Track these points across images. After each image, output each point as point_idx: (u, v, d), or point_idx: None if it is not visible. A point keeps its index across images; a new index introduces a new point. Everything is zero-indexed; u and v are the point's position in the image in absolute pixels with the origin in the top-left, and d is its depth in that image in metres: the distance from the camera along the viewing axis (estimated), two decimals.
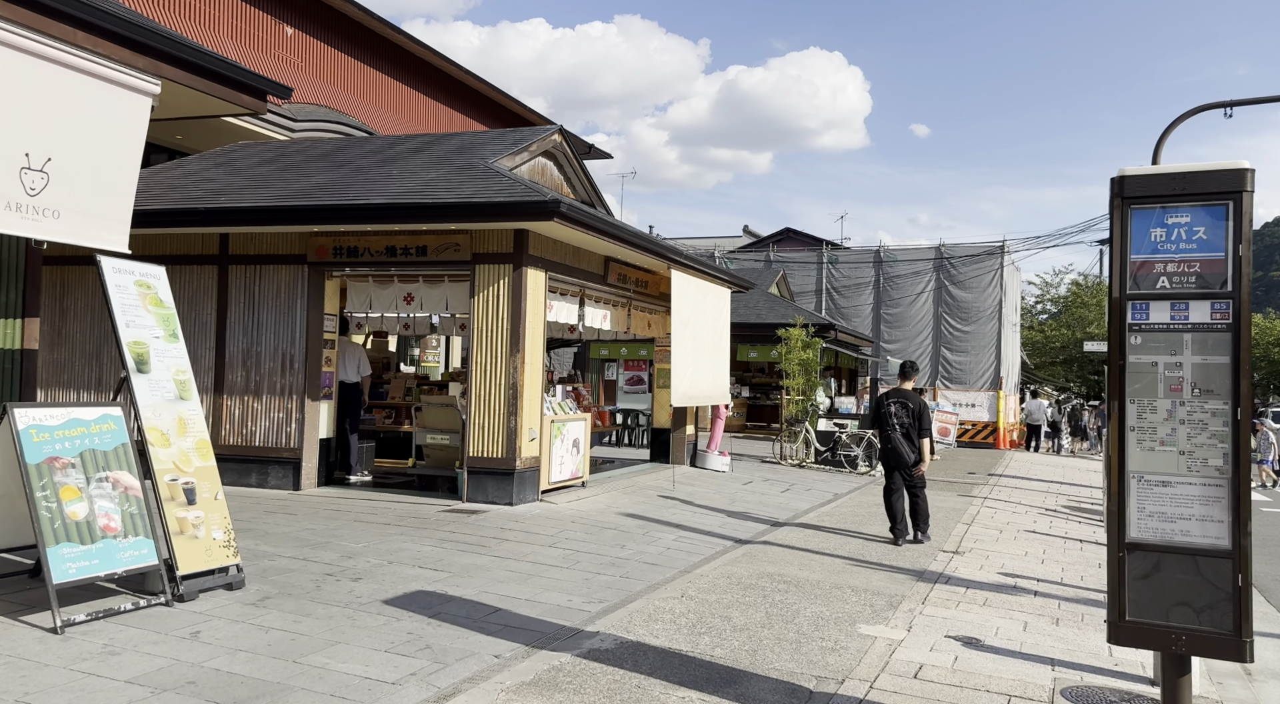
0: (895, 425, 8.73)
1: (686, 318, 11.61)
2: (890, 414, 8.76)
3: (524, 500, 8.95)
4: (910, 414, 8.70)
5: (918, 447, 8.73)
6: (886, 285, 31.25)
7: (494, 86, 24.74)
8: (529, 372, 8.96)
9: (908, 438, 8.70)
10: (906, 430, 8.70)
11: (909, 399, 8.80)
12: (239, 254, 9.42)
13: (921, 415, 8.73)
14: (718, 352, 13.14)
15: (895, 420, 8.73)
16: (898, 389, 8.96)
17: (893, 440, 8.74)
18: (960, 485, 14.48)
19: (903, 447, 8.71)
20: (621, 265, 11.16)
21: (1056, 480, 16.61)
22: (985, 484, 15.05)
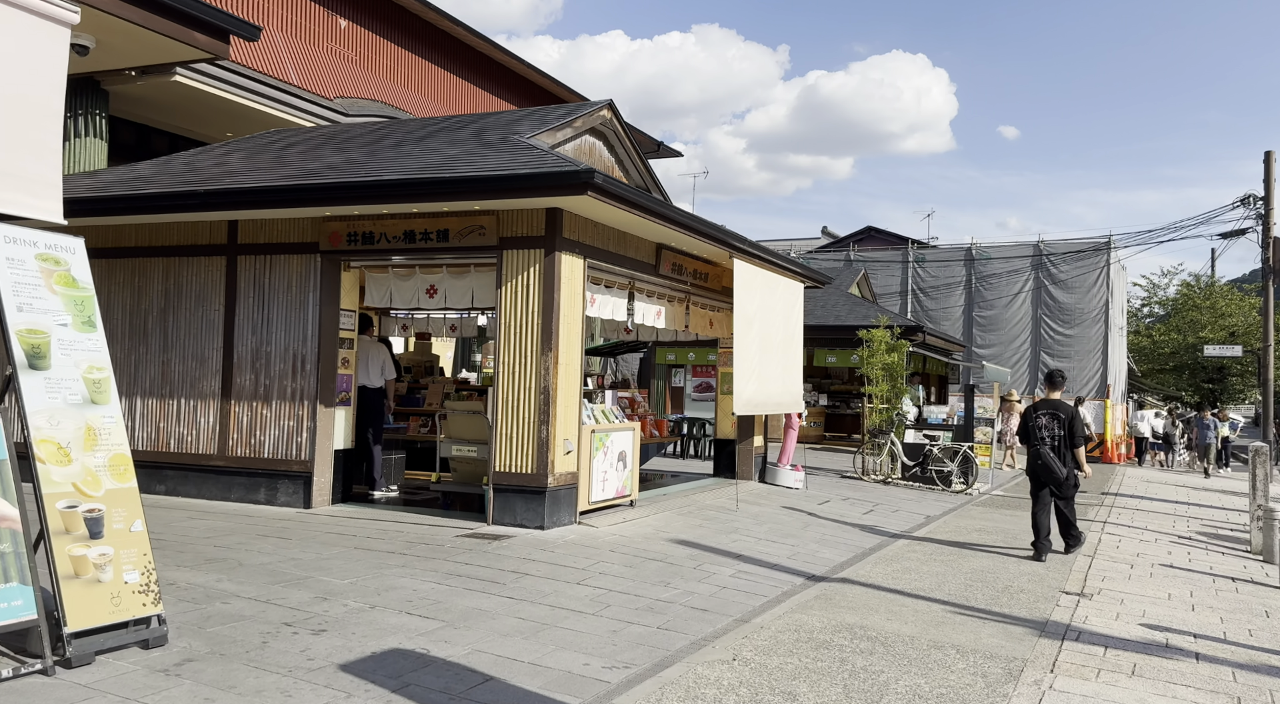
0: (1045, 438, 8.25)
1: (751, 314, 10.21)
2: (1040, 426, 8.29)
3: (558, 523, 7.70)
4: (1062, 425, 8.23)
5: (1071, 460, 8.25)
6: (979, 286, 29.07)
7: (561, 83, 23.80)
8: (564, 374, 7.72)
9: (1058, 451, 8.22)
10: (1058, 443, 8.21)
11: (1060, 409, 8.32)
12: (248, 243, 8.47)
13: (1074, 426, 8.23)
14: (788, 353, 11.68)
15: (1045, 433, 8.26)
16: (1047, 399, 8.49)
17: (1043, 455, 8.26)
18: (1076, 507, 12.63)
19: (1054, 461, 8.22)
20: (676, 254, 9.84)
21: (1181, 501, 14.50)
22: (1100, 505, 13.14)
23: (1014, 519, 11.29)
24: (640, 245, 9.17)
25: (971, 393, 15.35)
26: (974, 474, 14.15)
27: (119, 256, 8.92)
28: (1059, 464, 8.22)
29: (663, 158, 30.31)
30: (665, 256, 9.56)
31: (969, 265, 29.45)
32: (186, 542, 6.52)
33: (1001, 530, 10.17)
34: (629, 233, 8.86)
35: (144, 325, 8.82)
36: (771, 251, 10.67)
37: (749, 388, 10.21)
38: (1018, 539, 9.65)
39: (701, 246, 9.73)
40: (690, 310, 11.16)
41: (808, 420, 22.97)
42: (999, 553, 8.67)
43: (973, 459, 14.12)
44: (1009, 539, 9.49)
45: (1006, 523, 10.82)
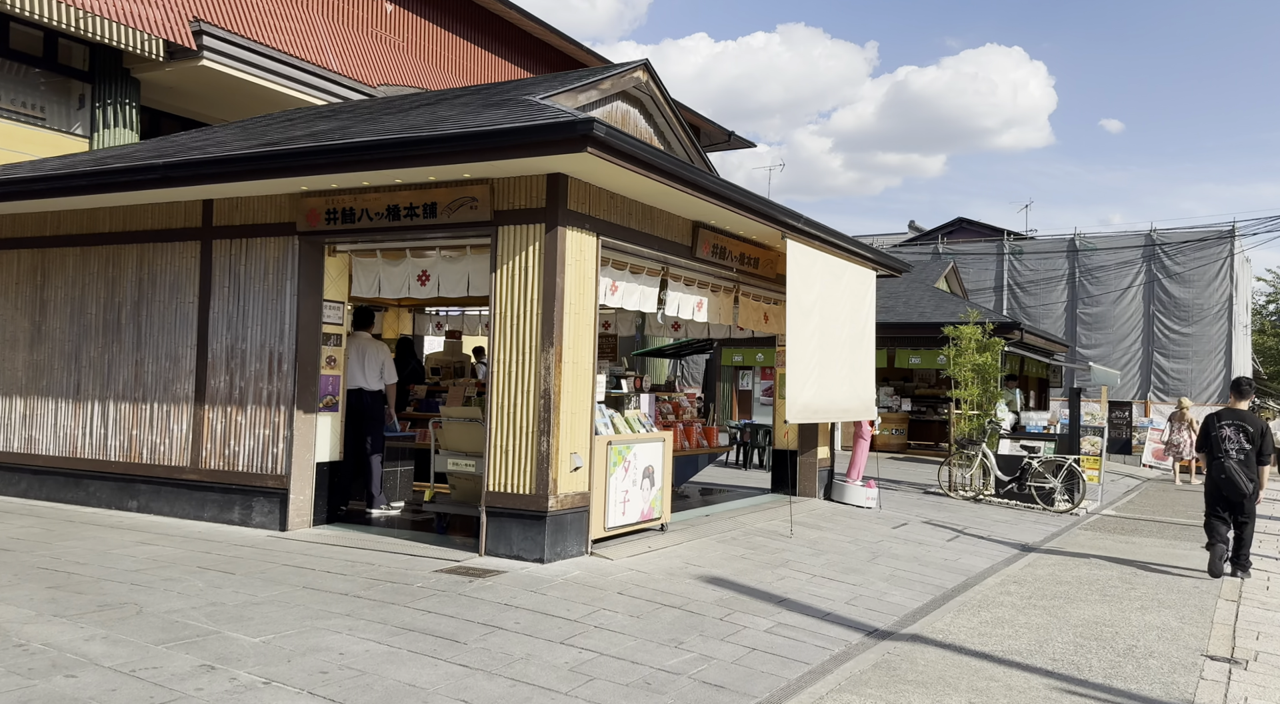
0: (1230, 450, 7.69)
1: (809, 305, 8.70)
2: (1224, 438, 7.74)
3: (562, 554, 6.39)
4: (1250, 438, 7.70)
5: (1256, 475, 7.69)
6: (1083, 280, 26.56)
7: None
8: (570, 374, 6.41)
9: (1245, 465, 7.67)
10: (1244, 457, 7.68)
11: (1247, 421, 7.76)
12: (223, 225, 7.46)
13: (1264, 440, 7.69)
14: (857, 351, 10.10)
15: (1230, 445, 7.71)
16: (1232, 408, 7.92)
17: (1226, 469, 7.68)
18: (1196, 532, 10.65)
19: (1239, 475, 7.64)
20: (717, 235, 8.41)
21: None
22: None
23: (1131, 546, 9.43)
24: (672, 223, 7.79)
25: (1077, 397, 13.39)
26: (1081, 491, 12.24)
27: (94, 244, 8.05)
28: (1244, 479, 7.61)
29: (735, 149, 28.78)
30: (703, 237, 8.14)
31: (1072, 258, 26.94)
32: (100, 578, 5.47)
33: (1118, 562, 8.39)
34: (656, 207, 7.49)
35: (118, 319, 7.93)
36: (835, 232, 9.14)
37: (806, 392, 8.70)
38: (1138, 576, 7.87)
39: (747, 225, 8.29)
40: (740, 302, 9.71)
41: (888, 428, 21.10)
42: (1117, 595, 6.96)
43: (1079, 474, 12.21)
44: (1128, 576, 7.73)
45: (1123, 551, 9.00)
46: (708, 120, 25.78)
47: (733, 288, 9.58)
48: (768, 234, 8.65)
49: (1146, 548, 9.54)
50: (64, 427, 8.04)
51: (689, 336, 24.07)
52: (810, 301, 8.89)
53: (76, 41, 12.55)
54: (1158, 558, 8.95)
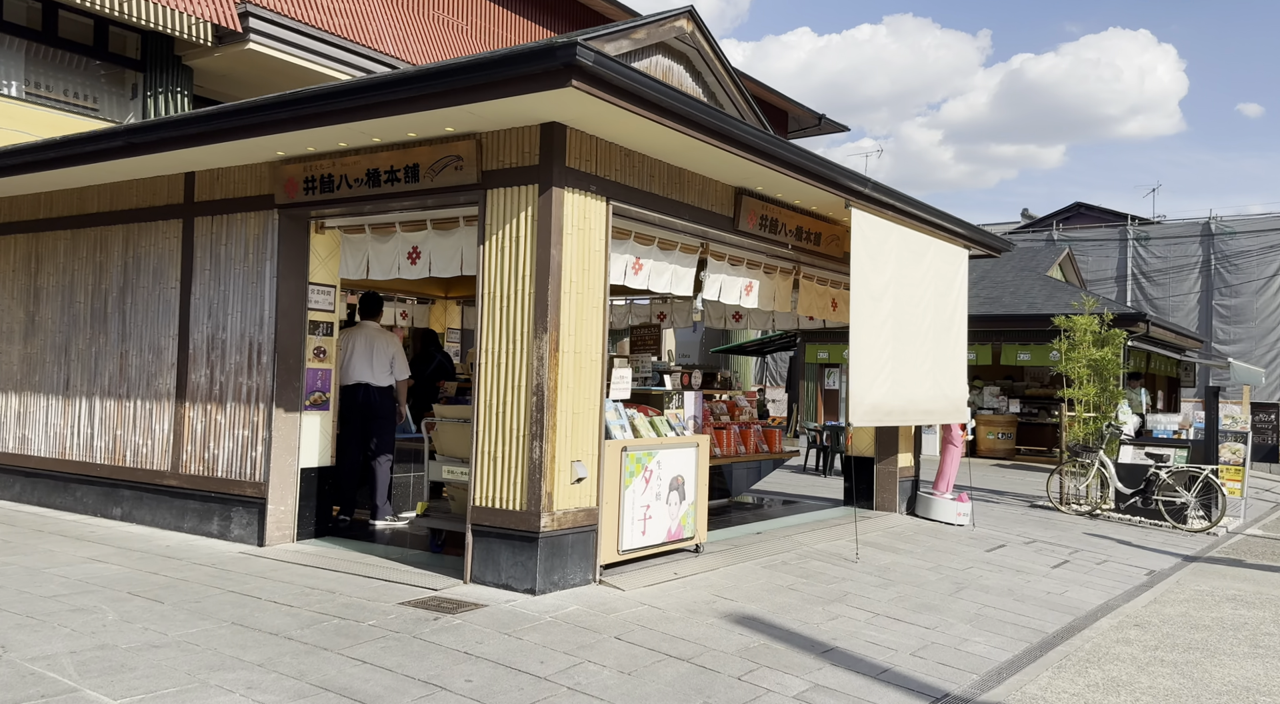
0: None
1: (879, 288, 7.35)
2: None
3: (561, 584, 5.30)
4: None
5: None
6: (1220, 268, 23.76)
7: None
8: (571, 366, 5.32)
9: None
10: None
11: None
12: (205, 200, 6.71)
13: None
14: (944, 344, 8.64)
15: None
16: None
17: None
18: None
19: None
20: (765, 204, 7.15)
21: None
22: None
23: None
24: (708, 189, 6.58)
25: (1215, 398, 11.44)
26: (1220, 507, 10.36)
27: (84, 226, 7.46)
28: None
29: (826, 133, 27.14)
30: (747, 206, 6.90)
31: (1206, 243, 24.17)
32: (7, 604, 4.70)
33: (1273, 600, 6.70)
34: (686, 169, 6.31)
35: (104, 308, 7.31)
36: (914, 200, 7.74)
37: (876, 390, 7.35)
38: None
39: (803, 191, 7.00)
40: (801, 286, 8.41)
41: (994, 432, 19.18)
42: (1273, 646, 5.37)
43: (1218, 487, 10.33)
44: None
45: (1277, 582, 7.30)
46: (796, 103, 24.27)
47: (791, 269, 8.30)
48: (829, 203, 7.33)
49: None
50: (54, 426, 7.48)
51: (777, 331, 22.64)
52: (881, 283, 7.53)
53: (128, 29, 12.28)
54: None
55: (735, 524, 8.12)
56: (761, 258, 7.77)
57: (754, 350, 24.21)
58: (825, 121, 27.00)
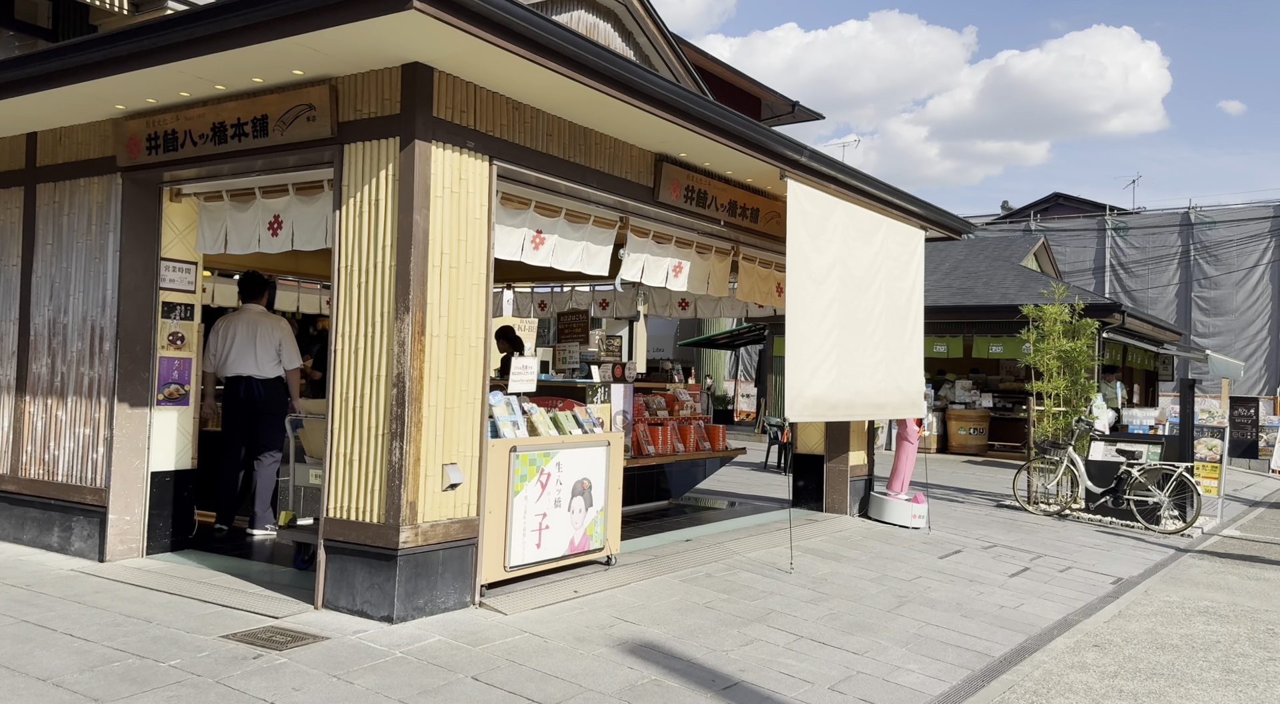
0: None
1: (822, 269, 6.62)
2: None
3: (428, 609, 4.53)
4: None
5: None
6: (1199, 259, 23.23)
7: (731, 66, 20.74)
8: (441, 352, 4.55)
9: None
10: None
11: None
12: (48, 165, 5.86)
13: None
14: (898, 332, 7.93)
15: None
16: None
17: None
18: None
19: None
20: (691, 174, 6.38)
21: None
22: None
23: (1264, 583, 7.00)
24: (621, 154, 5.81)
25: (1190, 391, 10.80)
26: (1195, 508, 9.72)
27: None
28: None
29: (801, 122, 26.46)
30: (669, 176, 6.12)
31: (1186, 234, 23.64)
32: None
33: (1248, 613, 6.02)
34: (594, 129, 5.53)
35: None
36: (861, 174, 7.00)
37: (818, 381, 6.62)
38: (1277, 630, 5.55)
39: (734, 161, 6.24)
40: (741, 268, 7.66)
41: (967, 427, 18.54)
42: (1248, 670, 4.68)
43: (1192, 486, 9.69)
44: (1262, 633, 5.39)
45: (1252, 590, 6.60)
46: (770, 90, 23.57)
47: (729, 249, 7.55)
48: (764, 174, 6.58)
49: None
50: None
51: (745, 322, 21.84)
52: (824, 265, 6.79)
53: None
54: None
55: (667, 530, 7.38)
56: (693, 235, 7.02)
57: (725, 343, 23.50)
58: (799, 109, 26.30)
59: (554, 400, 7.21)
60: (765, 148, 5.97)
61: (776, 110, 25.21)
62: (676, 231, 6.80)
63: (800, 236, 6.45)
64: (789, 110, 25.32)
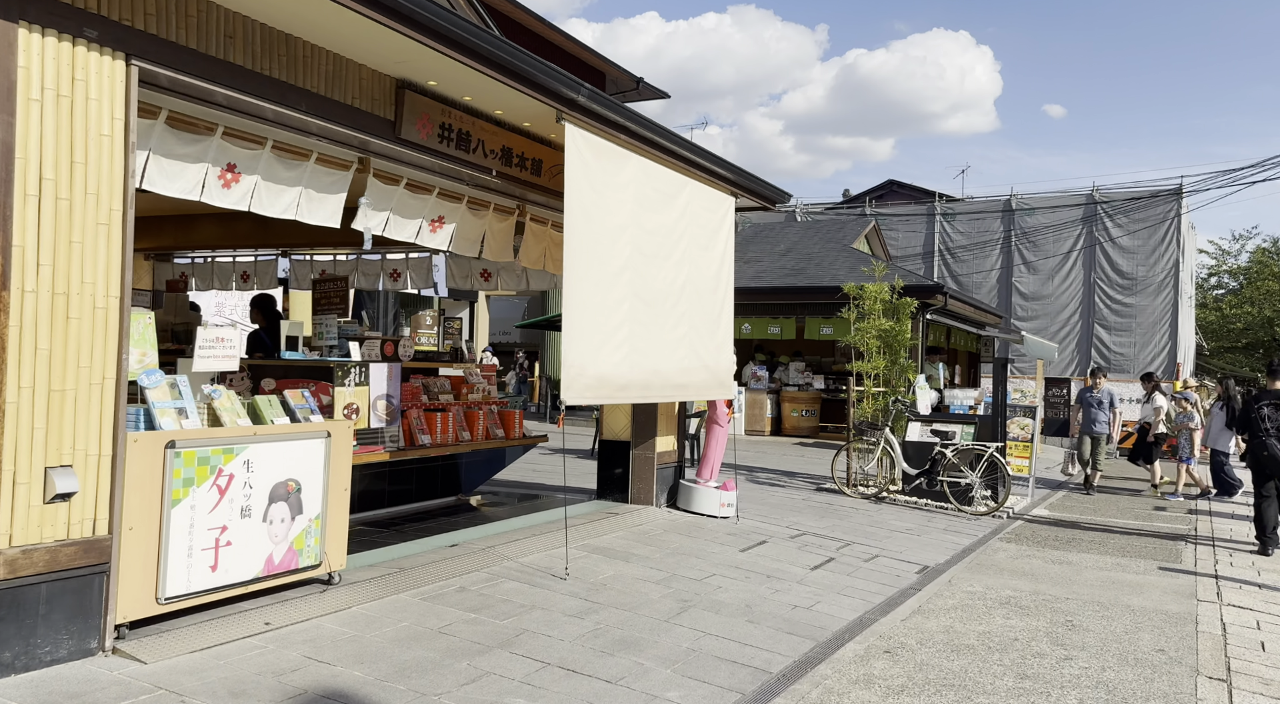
0: (1270, 429, 7.85)
1: (610, 232, 5.76)
2: (1264, 417, 7.92)
3: (19, 665, 3.35)
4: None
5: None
6: (1020, 245, 24.20)
7: None
8: (42, 313, 3.37)
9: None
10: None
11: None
12: None
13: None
14: (705, 306, 7.21)
15: (1270, 424, 7.87)
16: (1269, 389, 8.10)
17: (1269, 446, 7.84)
18: (1155, 542, 8.04)
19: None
20: (448, 109, 5.35)
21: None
22: (1193, 536, 8.50)
23: (1067, 567, 6.75)
24: (345, 74, 4.71)
25: (1003, 370, 10.77)
26: (1005, 487, 9.61)
27: None
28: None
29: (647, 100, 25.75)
30: (415, 107, 5.07)
31: (1007, 219, 24.54)
32: None
33: (1049, 603, 5.65)
34: (299, 37, 4.41)
35: None
36: (653, 123, 6.17)
37: (605, 359, 5.78)
38: (1075, 624, 5.16)
39: (501, 96, 5.26)
40: (528, 229, 6.72)
41: (799, 409, 18.44)
42: (1042, 674, 4.19)
43: (1002, 466, 9.57)
44: (1060, 627, 4.98)
45: (1055, 576, 6.31)
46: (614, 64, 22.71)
47: (513, 207, 6.58)
48: (544, 118, 5.63)
49: (1086, 572, 6.89)
50: None
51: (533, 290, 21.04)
52: (614, 226, 5.95)
53: None
54: (1102, 587, 6.27)
55: (438, 533, 6.37)
56: (463, 188, 6.00)
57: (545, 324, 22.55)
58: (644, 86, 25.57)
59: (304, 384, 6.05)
60: (532, 81, 5.02)
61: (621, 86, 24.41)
62: (440, 181, 5.76)
63: (582, 192, 5.56)
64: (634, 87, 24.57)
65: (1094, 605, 5.86)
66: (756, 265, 19.22)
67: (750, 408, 18.42)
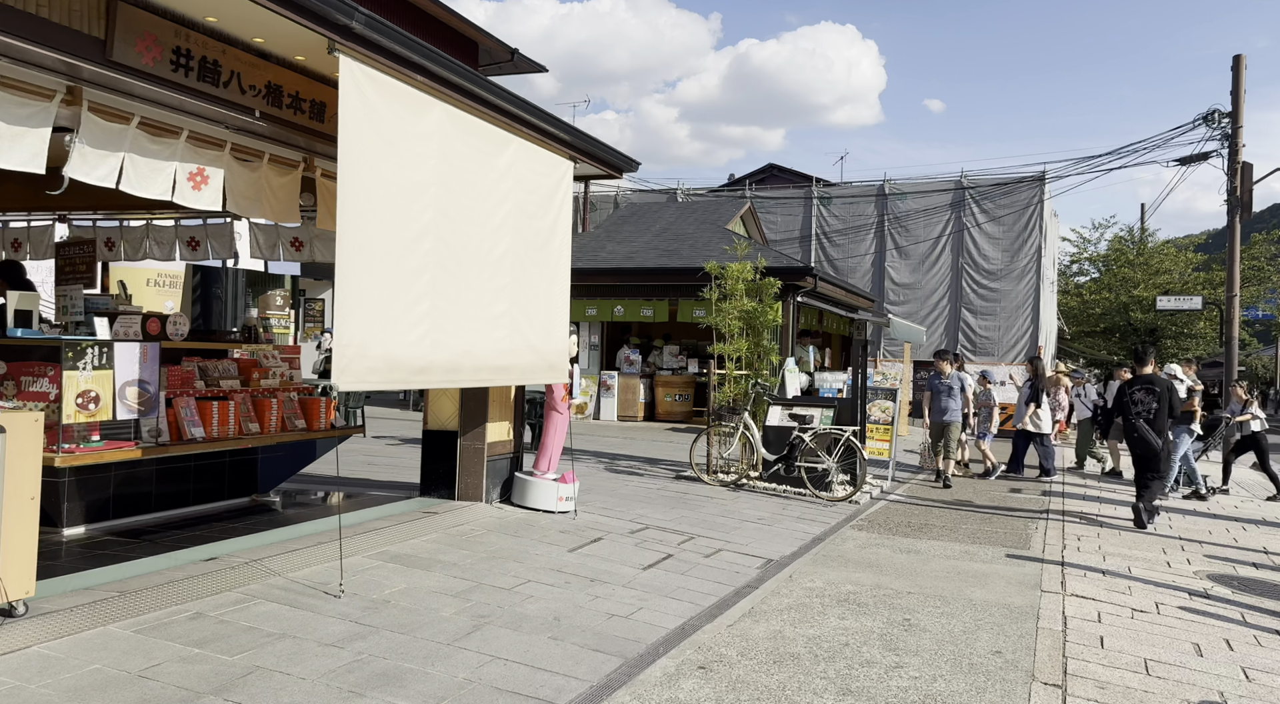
0: (1141, 412, 8.25)
1: (406, 190, 4.94)
2: (1136, 401, 8.33)
3: None
4: (1157, 399, 8.28)
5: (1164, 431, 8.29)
6: (892, 230, 24.44)
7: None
8: None
9: (1153, 425, 8.22)
10: (1153, 417, 8.24)
11: (1155, 383, 8.38)
12: None
13: (1171, 400, 8.33)
14: (533, 280, 6.46)
15: (1141, 407, 8.27)
16: (1141, 374, 8.50)
17: (1139, 429, 8.26)
18: (1006, 527, 7.83)
19: (1150, 434, 8.22)
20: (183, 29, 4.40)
21: None
22: (1044, 520, 8.37)
23: (914, 557, 6.37)
24: None
25: (863, 352, 10.48)
26: (861, 473, 9.30)
27: None
28: (1154, 437, 8.20)
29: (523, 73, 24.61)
30: (132, 23, 4.10)
31: (881, 204, 24.75)
32: None
33: (890, 598, 5.19)
34: None
35: None
36: (466, 70, 5.37)
37: (398, 336, 4.98)
38: (913, 623, 4.71)
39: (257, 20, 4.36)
40: (321, 186, 5.82)
41: (672, 394, 17.97)
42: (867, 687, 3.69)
43: (858, 450, 9.25)
44: (897, 626, 4.50)
45: (901, 567, 5.89)
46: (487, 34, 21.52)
47: (298, 159, 5.67)
48: (314, 47, 4.75)
49: (933, 561, 6.54)
50: None
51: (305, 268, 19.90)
52: (412, 183, 5.14)
53: None
54: (947, 579, 5.91)
55: (197, 544, 5.44)
56: (223, 132, 5.05)
57: None
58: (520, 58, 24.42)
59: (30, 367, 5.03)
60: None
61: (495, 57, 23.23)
62: (191, 123, 4.81)
63: (366, 140, 4.73)
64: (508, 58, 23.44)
65: (936, 600, 5.46)
66: (630, 245, 18.60)
67: (623, 393, 17.84)
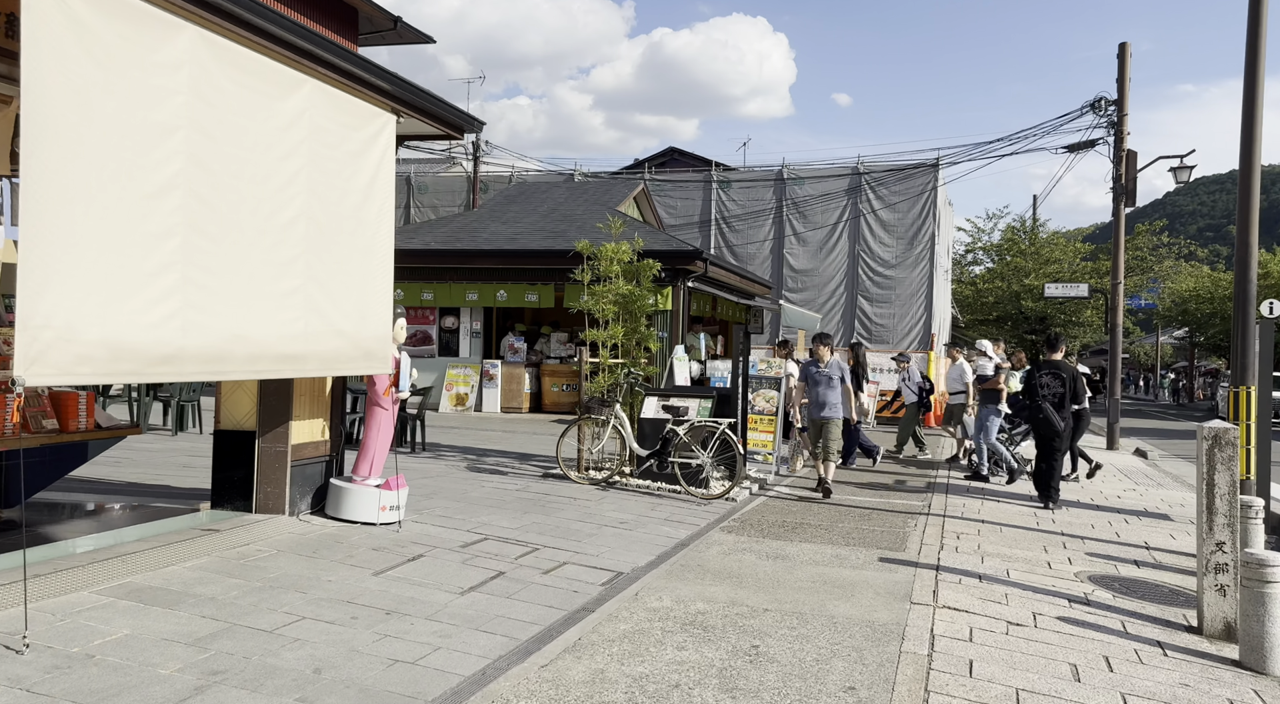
0: (1047, 395, 8.75)
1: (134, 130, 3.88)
2: (1044, 385, 8.80)
3: None
4: (1063, 384, 8.81)
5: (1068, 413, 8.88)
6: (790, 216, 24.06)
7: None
8: None
9: (1059, 407, 8.77)
10: (1058, 400, 8.77)
11: (1061, 369, 8.90)
12: None
13: (1076, 385, 8.96)
14: (340, 253, 5.45)
15: (1048, 391, 8.77)
16: (1050, 361, 9.00)
17: (1044, 410, 8.73)
18: (885, 524, 7.21)
19: (1054, 415, 8.72)
20: None
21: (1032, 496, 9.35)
22: (923, 517, 7.84)
23: (782, 564, 5.65)
24: None
25: (747, 339, 9.78)
26: (738, 469, 8.60)
27: None
28: (1058, 418, 8.69)
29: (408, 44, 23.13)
30: None
31: (779, 190, 24.32)
32: None
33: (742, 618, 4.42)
34: None
35: None
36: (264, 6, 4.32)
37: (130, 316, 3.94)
38: (762, 650, 3.94)
39: None
40: None
41: (559, 384, 17.06)
42: None
43: (735, 445, 8.54)
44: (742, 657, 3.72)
45: (766, 576, 5.16)
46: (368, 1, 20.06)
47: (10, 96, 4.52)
48: None
49: (800, 568, 5.84)
50: None
51: None
52: (150, 123, 4.10)
53: None
54: (811, 590, 5.19)
55: None
56: None
57: None
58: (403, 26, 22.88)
59: None
60: None
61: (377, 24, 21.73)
62: None
63: (71, 62, 3.67)
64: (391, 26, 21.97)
65: (794, 618, 4.74)
66: (514, 226, 17.57)
67: (507, 383, 16.84)
